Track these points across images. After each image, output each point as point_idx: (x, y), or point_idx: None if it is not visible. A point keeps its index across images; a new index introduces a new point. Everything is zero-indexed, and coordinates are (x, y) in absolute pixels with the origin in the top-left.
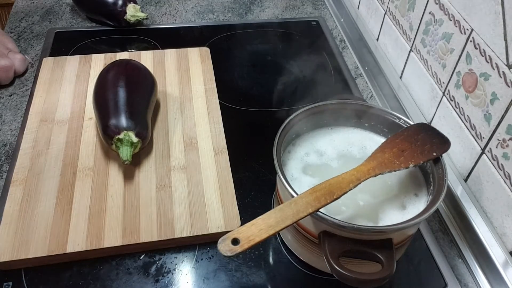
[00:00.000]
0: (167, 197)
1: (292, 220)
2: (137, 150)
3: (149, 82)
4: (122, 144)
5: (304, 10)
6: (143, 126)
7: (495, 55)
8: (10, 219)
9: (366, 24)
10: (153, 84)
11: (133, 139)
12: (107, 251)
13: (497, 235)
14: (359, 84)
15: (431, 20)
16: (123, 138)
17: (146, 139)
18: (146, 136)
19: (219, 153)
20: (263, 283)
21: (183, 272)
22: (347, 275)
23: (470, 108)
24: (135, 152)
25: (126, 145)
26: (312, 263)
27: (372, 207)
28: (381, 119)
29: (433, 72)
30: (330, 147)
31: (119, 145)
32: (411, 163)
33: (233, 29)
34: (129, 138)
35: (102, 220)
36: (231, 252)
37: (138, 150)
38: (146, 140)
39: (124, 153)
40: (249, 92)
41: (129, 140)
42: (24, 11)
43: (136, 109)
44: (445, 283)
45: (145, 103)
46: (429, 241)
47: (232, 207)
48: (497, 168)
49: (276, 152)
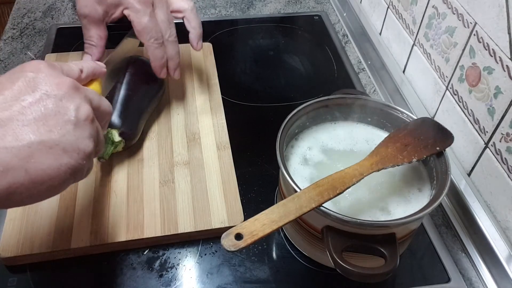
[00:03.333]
0: (170, 193)
1: (295, 215)
2: (120, 150)
3: (155, 82)
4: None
5: (306, 5)
6: (131, 126)
7: (498, 48)
8: (15, 215)
9: (369, 18)
10: (159, 86)
11: (115, 138)
12: (111, 247)
13: (501, 229)
14: (362, 78)
15: (434, 14)
16: (105, 135)
17: (131, 140)
18: (131, 136)
19: (222, 149)
20: (267, 278)
21: (187, 267)
22: (350, 269)
23: (474, 102)
24: (118, 151)
25: (106, 143)
26: (316, 257)
27: (375, 202)
28: (384, 114)
29: (437, 66)
30: (333, 142)
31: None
32: (414, 158)
33: (236, 24)
34: (111, 136)
35: (105, 215)
36: (235, 247)
37: (122, 149)
38: (131, 140)
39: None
40: (251, 87)
41: (110, 138)
42: (27, 7)
43: (129, 107)
44: (449, 278)
45: (142, 103)
46: (433, 236)
47: (235, 202)
48: (500, 162)
49: (279, 147)
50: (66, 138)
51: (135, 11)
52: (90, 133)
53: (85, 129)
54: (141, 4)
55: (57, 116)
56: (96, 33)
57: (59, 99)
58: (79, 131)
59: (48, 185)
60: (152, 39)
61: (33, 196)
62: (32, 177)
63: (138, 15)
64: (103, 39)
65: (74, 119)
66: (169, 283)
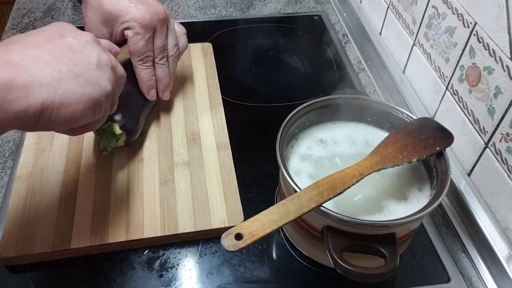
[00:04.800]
0: (170, 193)
1: (295, 215)
2: (122, 144)
3: None
4: (104, 134)
5: (306, 5)
6: (131, 120)
7: (498, 48)
8: (15, 215)
9: (369, 18)
10: None
11: (116, 131)
12: (111, 247)
13: (501, 229)
14: (362, 78)
15: (434, 14)
16: (106, 129)
17: (133, 134)
18: (132, 130)
19: (222, 149)
20: (267, 278)
21: (187, 267)
22: (350, 269)
23: (474, 102)
24: (120, 145)
25: (108, 136)
26: (316, 257)
27: (375, 202)
28: (384, 114)
29: (436, 66)
30: (333, 142)
31: (102, 134)
32: (414, 158)
33: (236, 24)
34: (112, 129)
35: (105, 215)
36: (235, 247)
37: (124, 144)
38: (132, 134)
39: (103, 143)
40: (251, 87)
41: (112, 131)
42: (27, 8)
43: (129, 102)
44: (449, 278)
45: (143, 99)
46: (432, 236)
47: (235, 202)
48: (500, 162)
49: (279, 147)
50: (90, 73)
51: (135, 33)
52: (109, 77)
53: (106, 71)
54: (142, 28)
55: (83, 56)
56: None
57: (84, 45)
58: (100, 72)
59: (72, 109)
60: (140, 61)
61: (58, 121)
62: (61, 97)
63: (136, 37)
64: None
65: (96, 61)
66: (169, 283)
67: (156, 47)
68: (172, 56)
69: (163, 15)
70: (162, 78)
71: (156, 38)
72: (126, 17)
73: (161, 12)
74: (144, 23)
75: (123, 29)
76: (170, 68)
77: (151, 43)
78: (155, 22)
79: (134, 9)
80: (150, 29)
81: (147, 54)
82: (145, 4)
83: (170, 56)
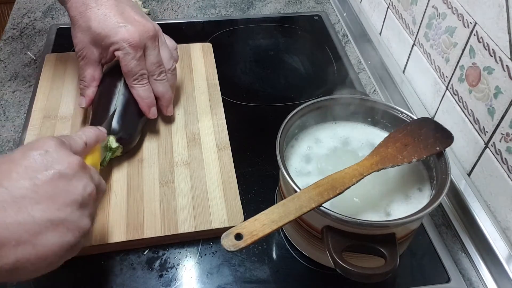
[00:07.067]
0: (170, 193)
1: (295, 215)
2: (119, 154)
3: None
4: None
5: (306, 5)
6: (129, 131)
7: (498, 48)
8: None
9: (369, 18)
10: None
11: (112, 144)
12: (111, 247)
13: (501, 229)
14: (362, 78)
15: (434, 14)
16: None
17: (129, 145)
18: (129, 141)
19: (222, 149)
20: (267, 278)
21: (187, 267)
22: (350, 269)
23: (474, 102)
24: (116, 156)
25: (104, 150)
26: (315, 257)
27: (375, 202)
28: (384, 114)
29: (436, 66)
30: (333, 141)
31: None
32: (414, 158)
33: (236, 24)
34: (108, 143)
35: (105, 216)
36: (235, 247)
37: (120, 154)
38: (129, 145)
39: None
40: (251, 87)
41: (108, 145)
42: (27, 7)
43: (127, 113)
44: (449, 278)
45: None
46: (433, 236)
47: (235, 202)
48: (500, 162)
49: (279, 147)
50: (71, 217)
51: (125, 53)
52: (90, 212)
53: (87, 208)
54: (132, 48)
55: (66, 195)
56: (90, 74)
57: (70, 179)
58: (82, 210)
59: (50, 261)
60: (135, 81)
61: (35, 272)
62: (39, 253)
63: (127, 57)
64: (96, 80)
65: (80, 199)
66: (169, 283)
67: (151, 63)
68: (169, 70)
69: (152, 32)
70: (164, 93)
71: (148, 55)
72: (115, 37)
73: (150, 29)
74: (134, 43)
75: (113, 50)
76: (169, 82)
77: (143, 61)
78: (145, 40)
79: (123, 29)
80: (141, 48)
81: (141, 73)
82: (133, 22)
83: (167, 70)
